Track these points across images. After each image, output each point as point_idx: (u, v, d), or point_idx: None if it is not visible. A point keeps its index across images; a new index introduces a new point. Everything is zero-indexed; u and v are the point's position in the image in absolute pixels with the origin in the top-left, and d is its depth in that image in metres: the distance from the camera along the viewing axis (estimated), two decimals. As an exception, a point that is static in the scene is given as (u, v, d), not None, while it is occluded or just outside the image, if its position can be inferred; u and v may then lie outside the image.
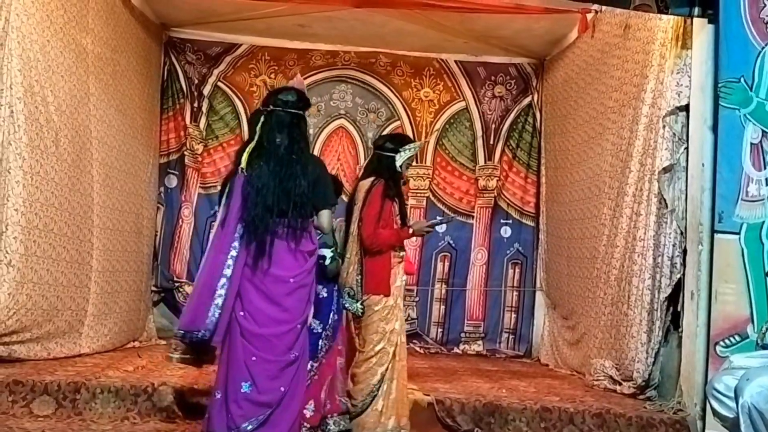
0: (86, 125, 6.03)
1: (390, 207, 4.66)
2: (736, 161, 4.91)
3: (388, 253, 4.64)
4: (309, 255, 3.88)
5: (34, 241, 5.22)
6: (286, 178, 3.81)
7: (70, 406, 4.73)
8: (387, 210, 4.62)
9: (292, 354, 3.80)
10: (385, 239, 4.59)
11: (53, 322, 5.55)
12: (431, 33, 7.83)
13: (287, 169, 3.83)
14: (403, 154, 4.77)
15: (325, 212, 3.95)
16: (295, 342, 3.83)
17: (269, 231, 3.77)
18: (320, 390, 4.46)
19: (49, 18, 5.41)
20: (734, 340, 4.81)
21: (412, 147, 4.88)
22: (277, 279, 3.78)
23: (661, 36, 5.57)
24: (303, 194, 3.82)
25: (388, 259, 4.64)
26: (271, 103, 4.00)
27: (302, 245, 3.84)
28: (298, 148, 3.91)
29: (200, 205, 8.39)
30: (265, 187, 3.80)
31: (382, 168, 4.76)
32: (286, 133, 3.91)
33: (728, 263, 4.89)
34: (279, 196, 3.79)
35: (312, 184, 3.86)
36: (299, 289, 3.83)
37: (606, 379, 5.95)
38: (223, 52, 8.46)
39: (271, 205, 3.78)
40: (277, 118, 3.93)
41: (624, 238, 5.91)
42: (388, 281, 4.62)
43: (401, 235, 4.69)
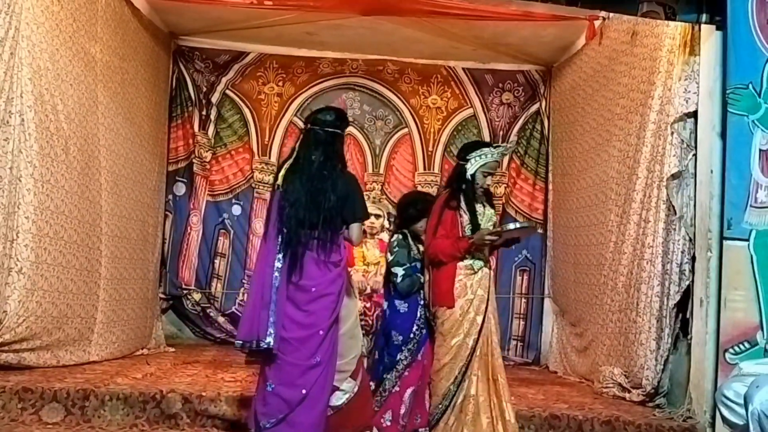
0: (95, 133, 6.06)
1: (450, 217, 4.49)
2: (745, 168, 4.90)
3: (452, 264, 4.47)
4: (334, 266, 4.03)
5: (44, 248, 5.24)
6: (316, 193, 3.99)
7: (79, 413, 4.75)
8: (447, 220, 4.48)
9: (314, 359, 3.95)
10: (441, 249, 4.44)
11: (63, 330, 5.57)
12: (439, 40, 7.84)
13: (318, 183, 4.00)
14: (474, 162, 4.52)
15: (354, 225, 4.07)
16: (318, 347, 3.95)
17: (301, 243, 3.97)
18: (399, 402, 4.48)
19: (58, 27, 5.44)
20: (743, 347, 4.79)
21: (482, 153, 4.53)
22: (301, 288, 3.98)
23: (669, 42, 5.57)
24: (332, 208, 3.99)
25: (452, 271, 4.47)
26: (310, 121, 4.21)
27: (330, 257, 4.01)
28: (331, 164, 4.07)
29: (208, 212, 8.41)
30: (298, 201, 4.00)
31: (453, 177, 4.71)
32: (321, 150, 4.08)
33: (737, 270, 4.88)
34: (310, 210, 3.98)
35: (341, 199, 4.01)
36: (321, 298, 3.99)
37: (615, 387, 5.94)
38: (231, 60, 8.49)
39: (303, 218, 3.98)
40: (314, 136, 4.12)
41: (632, 245, 5.90)
42: (451, 293, 4.45)
43: (458, 245, 4.44)
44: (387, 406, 4.54)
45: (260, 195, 8.46)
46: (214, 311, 8.30)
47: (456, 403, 4.40)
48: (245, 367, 6.37)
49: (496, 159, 4.58)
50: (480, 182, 4.53)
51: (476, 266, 4.52)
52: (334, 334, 4.02)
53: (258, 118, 8.54)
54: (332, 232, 4.01)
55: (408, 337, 4.60)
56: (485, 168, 4.52)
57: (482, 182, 4.54)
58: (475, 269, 4.51)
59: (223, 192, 8.48)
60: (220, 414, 4.84)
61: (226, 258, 8.44)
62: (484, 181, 4.54)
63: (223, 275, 8.40)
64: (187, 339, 8.32)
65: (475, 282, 4.50)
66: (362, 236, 4.19)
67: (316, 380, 3.94)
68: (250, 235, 8.43)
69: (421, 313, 4.65)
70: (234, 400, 4.88)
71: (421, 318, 4.65)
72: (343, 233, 4.08)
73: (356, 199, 4.08)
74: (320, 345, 3.96)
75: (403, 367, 4.57)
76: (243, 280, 8.38)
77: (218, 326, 8.30)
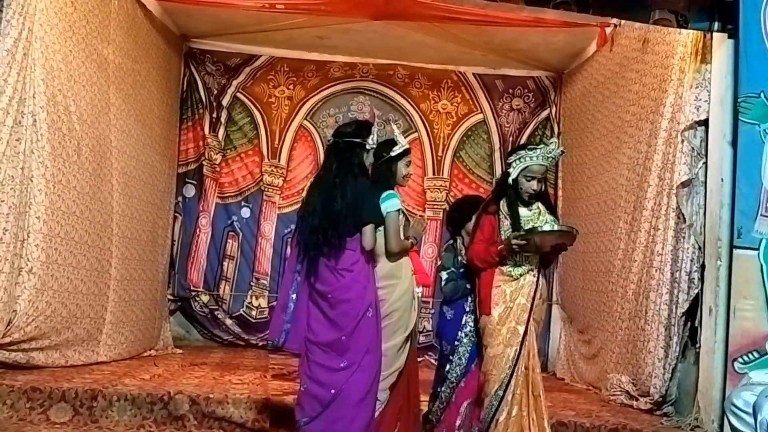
0: (107, 135, 6.09)
1: (489, 222, 4.34)
2: (756, 176, 4.89)
3: (491, 270, 4.30)
4: (347, 272, 4.06)
5: (55, 249, 5.26)
6: (327, 201, 4.10)
7: (86, 413, 4.75)
8: (485, 225, 4.35)
9: (341, 362, 4.03)
10: (475, 254, 4.33)
11: (72, 330, 5.59)
12: (449, 46, 7.85)
13: (331, 191, 4.12)
14: (515, 165, 4.29)
15: (366, 229, 4.07)
16: (345, 352, 4.03)
17: (314, 250, 4.08)
18: (456, 414, 4.38)
19: (71, 28, 5.47)
20: (753, 357, 4.78)
21: (520, 157, 4.30)
22: (320, 294, 4.09)
23: (681, 50, 5.57)
24: (341, 214, 4.06)
25: (489, 277, 4.31)
26: (334, 134, 4.35)
27: (341, 263, 4.06)
28: (344, 172, 4.14)
29: (218, 214, 8.44)
30: (314, 210, 4.14)
31: (497, 183, 4.68)
32: (338, 160, 4.19)
33: (747, 279, 4.86)
34: (321, 218, 4.09)
35: (351, 205, 4.07)
36: (339, 305, 4.06)
37: (622, 394, 5.92)
38: (242, 63, 8.52)
39: (316, 226, 4.09)
40: (334, 147, 4.26)
41: (642, 252, 5.89)
42: (488, 300, 4.28)
43: (490, 250, 4.27)
44: (444, 419, 4.41)
45: (269, 198, 8.49)
46: (222, 313, 8.32)
47: (499, 420, 4.18)
48: (253, 370, 6.40)
49: (539, 163, 4.25)
50: (524, 186, 4.27)
51: (516, 273, 4.28)
52: (365, 338, 4.04)
53: (268, 121, 8.57)
54: (342, 238, 4.06)
55: (453, 346, 4.48)
56: (527, 172, 4.26)
57: (526, 186, 4.27)
58: (515, 276, 4.28)
59: (233, 194, 8.50)
60: (228, 416, 4.84)
61: (235, 260, 8.46)
62: (528, 185, 4.26)
63: (231, 277, 8.42)
64: (194, 341, 8.34)
65: (516, 289, 4.27)
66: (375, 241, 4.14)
67: (346, 382, 4.00)
68: (259, 238, 8.45)
69: (466, 321, 4.49)
70: (241, 403, 4.88)
71: (467, 326, 4.48)
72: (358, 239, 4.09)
73: (366, 203, 4.09)
74: (346, 350, 4.03)
75: (455, 377, 4.42)
76: (251, 282, 8.41)
77: (226, 328, 8.32)
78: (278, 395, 5.11)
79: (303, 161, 8.62)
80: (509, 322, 4.24)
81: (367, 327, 4.03)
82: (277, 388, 5.50)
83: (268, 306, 8.35)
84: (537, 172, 4.27)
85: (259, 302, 8.39)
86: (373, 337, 4.05)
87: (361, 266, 4.08)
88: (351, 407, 3.99)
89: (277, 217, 8.51)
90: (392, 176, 4.34)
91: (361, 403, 4.01)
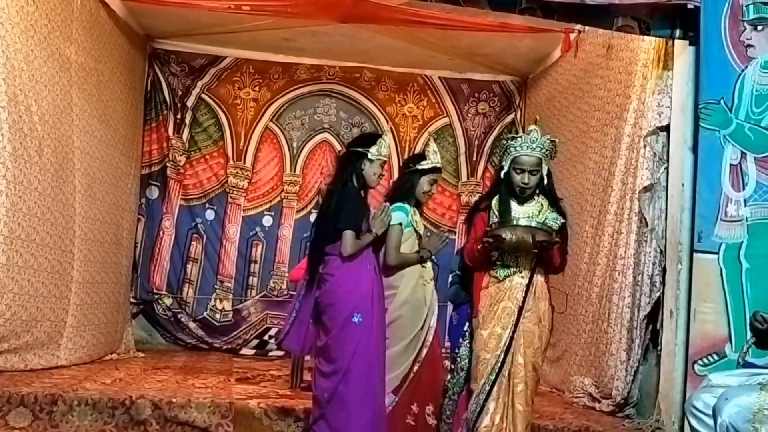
0: (69, 135, 6.01)
1: (480, 220, 4.14)
2: (716, 182, 4.97)
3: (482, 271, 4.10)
4: (330, 276, 4.15)
5: (15, 251, 5.17)
6: (321, 207, 4.32)
7: (46, 418, 4.68)
8: (477, 223, 4.15)
9: (329, 366, 4.11)
10: (465, 254, 4.19)
11: (32, 333, 5.50)
12: (416, 49, 7.87)
13: (326, 198, 4.29)
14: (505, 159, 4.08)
15: (344, 234, 4.11)
16: (332, 357, 4.10)
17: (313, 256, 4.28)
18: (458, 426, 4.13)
19: (33, 27, 5.38)
20: (712, 359, 4.85)
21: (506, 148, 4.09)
22: (315, 299, 4.22)
23: (644, 57, 5.64)
24: (324, 220, 4.23)
25: (480, 279, 4.11)
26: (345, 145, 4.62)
27: (326, 268, 4.18)
28: (338, 180, 4.27)
29: (181, 216, 8.37)
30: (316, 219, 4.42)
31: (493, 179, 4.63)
32: (338, 169, 4.35)
33: (707, 283, 4.93)
34: (315, 224, 4.34)
35: (334, 212, 4.17)
36: (326, 309, 4.15)
37: (585, 397, 5.97)
38: (207, 64, 8.46)
39: (312, 233, 4.35)
40: (339, 156, 4.53)
41: (605, 256, 5.96)
42: (477, 302, 4.06)
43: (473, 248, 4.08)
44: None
45: (234, 200, 8.45)
46: (185, 316, 8.25)
47: (479, 428, 3.93)
48: (216, 374, 6.36)
49: (525, 154, 3.98)
50: (515, 180, 4.02)
51: (501, 274, 4.02)
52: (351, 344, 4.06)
53: (233, 123, 8.52)
54: (326, 244, 4.19)
55: (455, 353, 4.27)
56: (516, 165, 4.00)
57: (517, 180, 4.01)
58: (500, 278, 4.02)
59: (197, 196, 8.45)
60: (191, 420, 4.80)
61: (199, 263, 8.40)
62: (519, 178, 4.00)
63: (195, 280, 8.36)
64: (157, 344, 8.25)
65: (501, 292, 4.00)
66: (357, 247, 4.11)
67: (335, 388, 4.05)
68: (224, 240, 8.40)
69: (468, 326, 4.19)
70: (204, 407, 4.84)
71: (467, 332, 4.18)
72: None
73: (344, 209, 4.14)
74: (333, 355, 4.09)
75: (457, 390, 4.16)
76: (215, 285, 8.36)
77: (189, 332, 8.25)
78: (242, 399, 5.08)
79: (268, 163, 8.59)
80: (492, 327, 3.97)
81: (353, 332, 4.05)
82: (240, 391, 5.47)
83: (232, 309, 8.31)
84: (526, 164, 4.00)
85: (223, 305, 8.33)
86: (363, 343, 4.05)
87: (345, 271, 4.11)
88: (349, 411, 4.03)
89: (242, 220, 8.47)
90: (412, 189, 4.44)
91: (359, 407, 4.03)
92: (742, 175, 4.94)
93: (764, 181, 4.92)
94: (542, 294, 4.06)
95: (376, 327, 4.11)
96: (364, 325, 4.06)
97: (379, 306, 4.18)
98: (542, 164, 4.03)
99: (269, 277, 8.45)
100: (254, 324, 8.34)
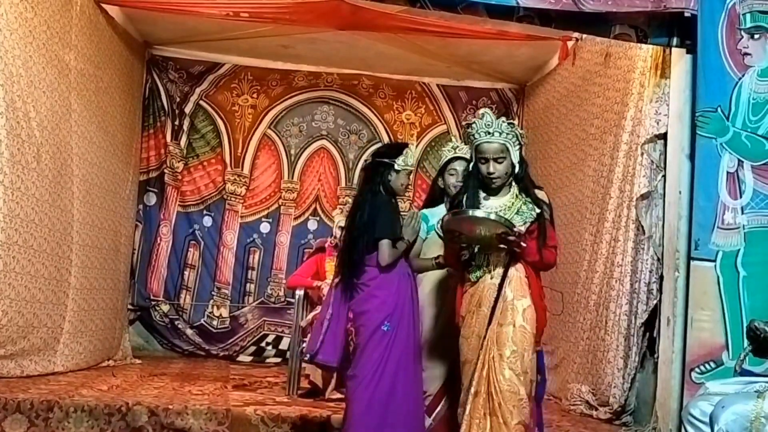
0: (68, 141, 6.01)
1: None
2: (713, 189, 4.96)
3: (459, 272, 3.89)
4: (365, 286, 4.14)
5: (12, 257, 5.17)
6: (351, 219, 4.26)
7: (42, 425, 4.65)
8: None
9: (352, 370, 4.13)
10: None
11: (28, 339, 5.50)
12: (414, 57, 7.89)
13: (355, 210, 4.27)
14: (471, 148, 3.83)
15: (381, 243, 4.08)
16: (356, 361, 4.13)
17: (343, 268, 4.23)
18: None
19: (32, 33, 5.39)
20: (709, 367, 4.84)
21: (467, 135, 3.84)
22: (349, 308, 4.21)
23: (641, 65, 5.65)
24: (358, 230, 4.17)
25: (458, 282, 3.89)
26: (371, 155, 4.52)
27: (362, 278, 4.14)
28: (368, 189, 4.24)
29: (179, 223, 8.38)
30: (344, 230, 4.40)
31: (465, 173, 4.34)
32: (365, 180, 4.33)
33: (704, 290, 4.92)
34: (346, 237, 4.28)
35: (368, 222, 4.13)
36: (359, 316, 4.15)
37: (582, 404, 5.97)
38: (205, 71, 8.48)
39: (343, 245, 4.32)
40: (365, 167, 4.48)
41: (603, 263, 5.96)
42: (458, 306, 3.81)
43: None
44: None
45: (232, 207, 8.45)
46: (183, 323, 8.24)
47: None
48: (213, 380, 6.35)
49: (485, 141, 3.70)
50: (482, 171, 3.74)
51: (473, 277, 3.73)
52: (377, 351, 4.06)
53: (231, 130, 8.54)
54: (361, 255, 4.14)
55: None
56: (478, 153, 3.74)
57: (483, 170, 3.73)
58: (474, 280, 3.73)
59: (194, 203, 8.45)
60: (187, 427, 4.78)
61: (196, 269, 8.40)
62: (483, 168, 3.73)
63: (192, 287, 8.36)
64: (154, 351, 8.24)
65: (474, 296, 3.71)
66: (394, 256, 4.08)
67: (354, 391, 4.09)
68: (221, 247, 8.41)
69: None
70: (201, 414, 4.83)
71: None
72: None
73: (379, 219, 4.12)
74: (357, 359, 4.11)
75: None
76: (212, 292, 8.35)
77: (186, 338, 8.24)
78: (239, 406, 5.07)
79: (266, 170, 8.60)
80: (468, 335, 3.70)
81: (380, 339, 4.06)
82: (237, 398, 5.46)
83: (230, 316, 8.31)
84: (487, 151, 3.69)
85: (220, 312, 8.33)
86: (386, 351, 4.06)
87: (381, 281, 4.11)
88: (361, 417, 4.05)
89: (240, 226, 8.48)
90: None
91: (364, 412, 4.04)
92: (739, 183, 4.94)
93: (761, 189, 4.92)
94: (520, 291, 3.67)
95: (404, 334, 4.10)
96: (391, 334, 4.06)
97: (412, 309, 4.16)
98: (508, 151, 3.72)
99: (266, 284, 8.46)
100: (251, 331, 8.34)
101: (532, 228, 3.70)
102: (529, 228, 3.70)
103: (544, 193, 3.90)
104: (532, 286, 3.71)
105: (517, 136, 3.77)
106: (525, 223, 3.70)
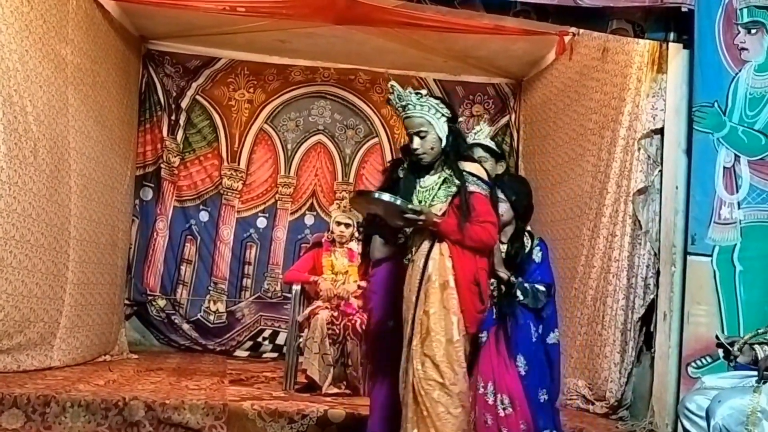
0: (65, 136, 6.00)
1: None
2: (709, 184, 4.97)
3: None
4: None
5: (9, 251, 5.16)
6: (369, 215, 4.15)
7: (39, 419, 4.65)
8: None
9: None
10: None
11: (25, 334, 5.49)
12: (411, 51, 7.88)
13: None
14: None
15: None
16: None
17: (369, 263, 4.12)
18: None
19: (28, 28, 5.38)
20: (706, 361, 4.85)
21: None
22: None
23: (638, 60, 5.65)
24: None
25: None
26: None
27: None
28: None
29: (175, 218, 8.37)
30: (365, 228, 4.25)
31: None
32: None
33: (700, 285, 4.94)
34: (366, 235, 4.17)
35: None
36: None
37: (579, 399, 5.98)
38: (202, 66, 8.47)
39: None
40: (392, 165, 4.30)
41: (600, 258, 5.97)
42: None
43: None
44: None
45: (228, 201, 8.45)
46: (179, 318, 8.24)
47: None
48: (210, 375, 6.35)
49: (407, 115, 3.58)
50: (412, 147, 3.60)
51: (405, 260, 3.62)
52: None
53: (228, 125, 8.53)
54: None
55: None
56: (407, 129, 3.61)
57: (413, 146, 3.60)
58: (405, 263, 3.61)
59: (191, 198, 8.44)
60: (184, 422, 4.78)
61: (193, 264, 8.39)
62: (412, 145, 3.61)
63: (188, 282, 8.35)
64: (150, 346, 8.24)
65: (407, 283, 3.56)
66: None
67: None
68: (218, 242, 8.40)
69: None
70: (198, 408, 4.82)
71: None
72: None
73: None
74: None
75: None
76: (209, 287, 8.35)
77: (183, 333, 8.24)
78: (236, 401, 5.06)
79: (263, 165, 8.60)
80: (407, 318, 3.53)
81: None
82: (234, 393, 5.45)
83: (226, 311, 8.31)
84: (409, 126, 3.57)
85: (217, 307, 8.33)
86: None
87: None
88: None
89: (236, 221, 8.47)
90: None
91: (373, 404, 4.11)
92: (735, 178, 4.95)
93: (758, 184, 4.93)
94: (442, 274, 3.48)
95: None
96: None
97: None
98: (432, 124, 3.55)
99: (263, 279, 8.45)
100: (248, 326, 8.34)
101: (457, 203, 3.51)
102: (455, 204, 3.51)
103: (479, 166, 3.67)
104: (457, 267, 3.48)
105: (435, 107, 3.56)
106: (447, 198, 3.54)
